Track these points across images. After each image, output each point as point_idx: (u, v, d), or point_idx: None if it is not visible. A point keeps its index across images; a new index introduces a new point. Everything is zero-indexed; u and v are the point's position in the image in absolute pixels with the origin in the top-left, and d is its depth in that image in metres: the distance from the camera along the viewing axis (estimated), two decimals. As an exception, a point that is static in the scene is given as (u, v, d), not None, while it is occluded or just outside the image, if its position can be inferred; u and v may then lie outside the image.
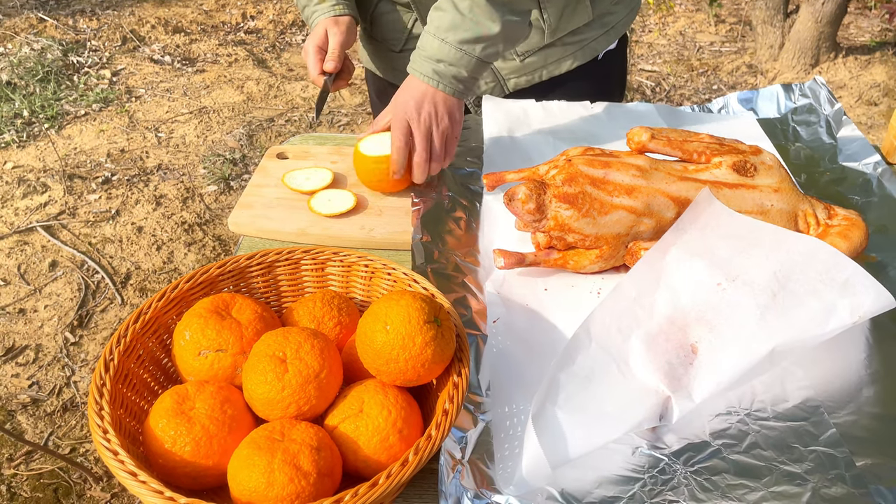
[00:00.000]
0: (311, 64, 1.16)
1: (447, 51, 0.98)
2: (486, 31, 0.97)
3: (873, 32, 3.91)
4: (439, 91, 1.00)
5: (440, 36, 0.98)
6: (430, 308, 0.69)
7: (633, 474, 0.68)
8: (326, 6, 1.17)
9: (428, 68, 0.99)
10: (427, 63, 0.99)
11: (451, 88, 1.00)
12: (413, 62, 1.01)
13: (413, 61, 1.02)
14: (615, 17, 1.25)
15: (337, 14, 1.17)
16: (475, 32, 0.97)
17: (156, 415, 0.66)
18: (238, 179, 2.83)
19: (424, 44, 1.00)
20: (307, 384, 0.66)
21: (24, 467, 1.77)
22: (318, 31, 1.16)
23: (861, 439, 0.71)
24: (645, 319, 0.77)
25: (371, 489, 0.58)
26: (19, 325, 2.17)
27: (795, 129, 1.19)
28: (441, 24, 0.98)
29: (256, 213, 1.06)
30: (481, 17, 0.97)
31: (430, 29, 0.99)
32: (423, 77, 1.00)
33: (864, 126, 3.13)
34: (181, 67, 3.68)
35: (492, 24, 0.97)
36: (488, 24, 0.97)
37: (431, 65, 0.99)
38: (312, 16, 1.18)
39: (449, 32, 0.98)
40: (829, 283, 0.75)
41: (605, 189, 0.87)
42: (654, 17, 4.26)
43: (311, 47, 1.16)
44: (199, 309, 0.73)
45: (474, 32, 0.97)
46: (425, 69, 1.00)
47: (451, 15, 0.97)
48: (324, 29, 1.16)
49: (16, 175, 2.81)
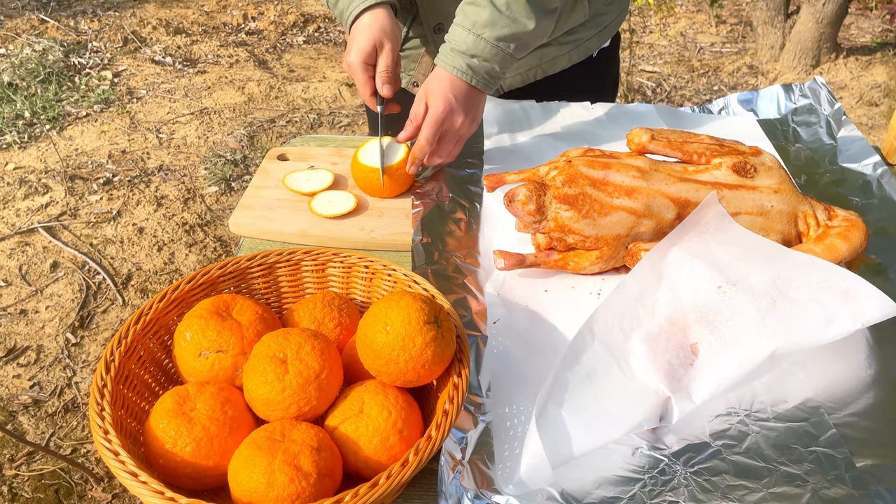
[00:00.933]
0: (360, 83, 1.03)
1: (483, 46, 0.98)
2: (523, 29, 0.98)
3: (874, 33, 3.91)
4: (472, 87, 1.00)
5: (476, 31, 0.98)
6: (430, 309, 0.69)
7: (634, 475, 0.68)
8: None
9: (462, 63, 0.99)
10: (460, 57, 0.99)
11: (483, 83, 1.01)
12: (444, 55, 1.00)
13: (443, 54, 1.00)
14: (608, 17, 1.26)
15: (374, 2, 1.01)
16: (512, 29, 0.98)
17: (157, 415, 0.66)
18: (239, 180, 2.83)
19: (457, 38, 0.99)
20: (308, 385, 0.66)
21: (26, 468, 1.77)
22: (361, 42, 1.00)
23: (861, 440, 0.71)
24: (646, 319, 0.77)
25: (371, 489, 0.58)
26: (21, 326, 2.17)
27: (795, 129, 1.19)
28: (478, 20, 0.98)
29: (257, 214, 1.06)
30: (519, 14, 0.97)
31: (466, 24, 0.99)
32: (456, 71, 0.99)
33: (865, 127, 3.13)
34: (182, 68, 3.68)
35: (528, 22, 0.98)
36: (525, 21, 0.98)
37: (465, 59, 0.99)
38: (348, 9, 1.02)
39: (486, 29, 0.97)
40: (829, 290, 0.76)
41: (605, 190, 0.87)
42: (654, 17, 4.27)
43: (358, 63, 1.01)
44: (200, 310, 0.74)
45: (511, 29, 0.98)
46: (458, 63, 0.99)
47: (489, 11, 0.97)
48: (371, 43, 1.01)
49: (17, 176, 2.81)
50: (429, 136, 1.00)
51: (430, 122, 0.99)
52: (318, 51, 3.96)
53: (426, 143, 1.00)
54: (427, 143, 1.00)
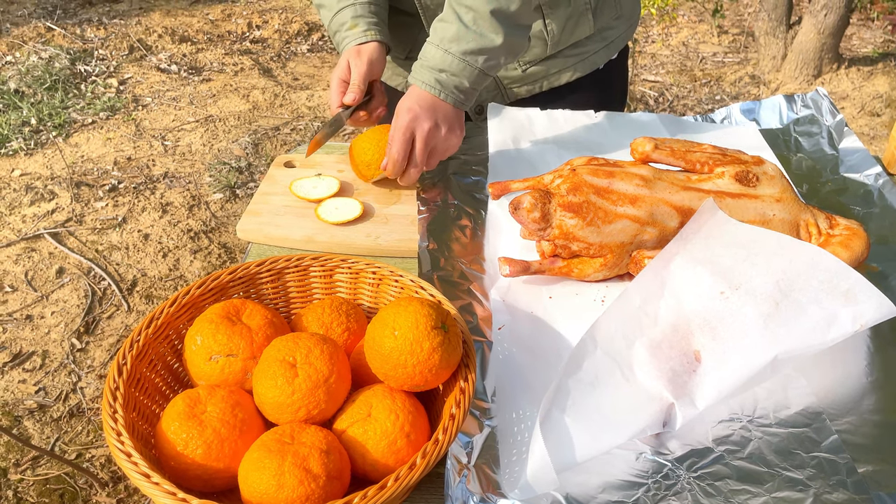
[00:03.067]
0: (332, 96, 1.12)
1: (450, 61, 1.00)
2: (489, 44, 1.00)
3: (876, 43, 3.93)
4: (443, 102, 1.02)
5: (443, 47, 1.00)
6: (437, 314, 0.70)
7: (637, 479, 0.69)
8: (357, 32, 1.11)
9: (430, 77, 1.01)
10: (429, 73, 1.01)
11: (452, 98, 1.02)
12: (414, 72, 1.03)
13: (414, 71, 1.03)
14: (615, 32, 1.27)
15: (366, 40, 1.11)
16: (478, 44, 0.99)
17: (168, 418, 0.67)
18: (244, 187, 2.85)
19: (427, 54, 1.02)
20: (316, 388, 0.67)
21: (31, 472, 1.78)
22: (341, 62, 1.11)
23: (862, 446, 0.72)
24: (649, 327, 0.78)
25: (380, 492, 0.59)
26: (26, 332, 2.18)
27: (797, 139, 1.21)
28: (445, 35, 1.00)
29: (264, 220, 1.07)
30: (485, 29, 0.99)
31: (434, 40, 1.01)
32: (425, 86, 1.01)
33: (867, 137, 3.15)
34: (187, 76, 3.70)
35: (495, 37, 0.99)
36: (491, 37, 0.99)
37: (434, 74, 1.01)
38: (342, 42, 1.13)
39: (452, 43, 1.00)
40: (831, 292, 0.76)
41: (609, 198, 0.88)
42: (657, 27, 4.29)
43: (335, 80, 1.12)
44: (210, 314, 0.75)
45: (478, 44, 0.99)
46: (427, 78, 1.01)
47: (456, 27, 0.99)
48: (346, 60, 1.11)
49: (23, 182, 2.83)
50: (397, 146, 1.02)
51: (396, 131, 1.02)
52: (322, 59, 3.98)
53: (395, 153, 1.02)
54: (396, 153, 1.02)
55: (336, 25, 1.14)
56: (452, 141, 1.06)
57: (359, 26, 1.11)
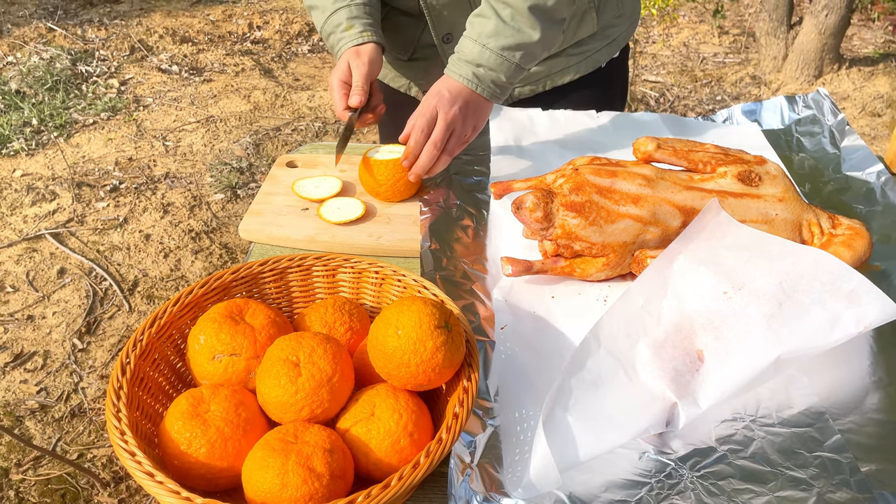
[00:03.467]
0: (335, 100, 1.10)
1: (488, 56, 1.01)
2: (527, 39, 1.01)
3: (877, 44, 3.93)
4: (476, 93, 1.03)
5: (482, 42, 1.01)
6: (440, 313, 0.70)
7: (640, 479, 0.69)
8: (353, 33, 1.11)
9: (468, 71, 1.02)
10: (467, 66, 1.02)
11: (488, 92, 1.03)
12: (451, 65, 1.03)
13: (451, 64, 1.04)
14: (617, 30, 1.27)
15: (363, 42, 1.11)
16: (516, 39, 1.00)
17: (171, 417, 0.67)
18: (245, 188, 2.85)
19: (465, 48, 1.02)
20: (320, 388, 0.67)
21: (33, 472, 1.78)
22: (340, 64, 1.10)
23: (865, 445, 0.72)
24: (652, 326, 0.78)
25: (383, 490, 0.59)
26: (28, 332, 2.18)
27: (799, 139, 1.21)
28: (483, 31, 1.01)
29: (266, 220, 1.08)
30: (523, 25, 1.00)
31: (472, 34, 1.02)
32: (462, 79, 1.02)
33: (868, 137, 3.15)
34: (188, 77, 3.71)
35: (532, 32, 1.00)
36: (529, 32, 1.00)
37: (471, 68, 1.02)
38: (338, 44, 1.13)
39: (491, 39, 1.00)
40: (834, 293, 0.76)
41: (611, 198, 0.88)
42: (658, 28, 4.29)
43: (336, 82, 1.10)
44: (213, 314, 0.75)
45: (515, 39, 1.00)
46: (465, 72, 1.02)
47: (494, 22, 1.00)
48: (346, 62, 1.10)
49: (25, 183, 2.83)
50: (421, 124, 1.00)
51: (419, 113, 1.01)
52: (322, 59, 3.98)
53: (419, 130, 1.01)
54: (419, 130, 1.01)
55: (331, 27, 1.13)
56: (469, 132, 1.06)
57: (355, 27, 1.11)
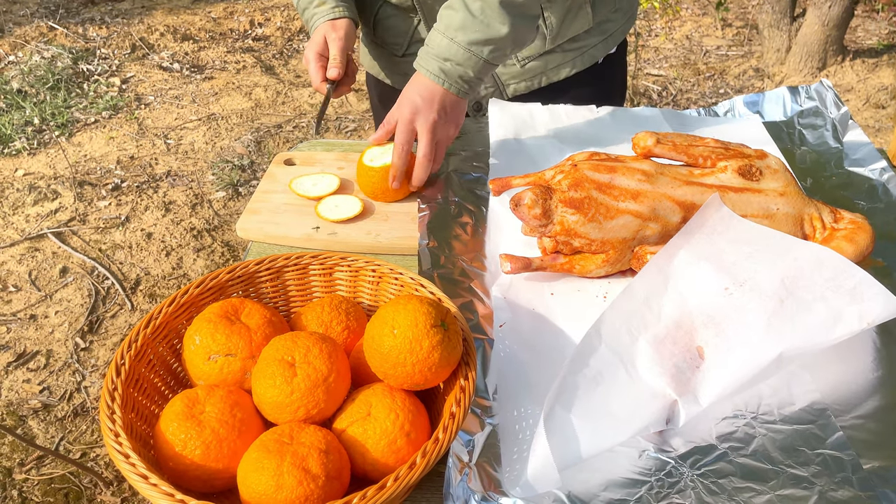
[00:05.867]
0: (312, 72, 1.14)
1: (455, 50, 0.99)
2: (496, 34, 0.98)
3: (881, 35, 3.90)
4: (447, 91, 1.01)
5: (449, 35, 0.99)
6: (436, 312, 0.69)
7: (640, 477, 0.69)
8: (326, 9, 1.14)
9: (435, 66, 1.00)
10: (434, 61, 1.00)
11: (456, 88, 1.01)
12: (420, 59, 1.02)
13: (420, 58, 1.02)
14: (614, 25, 1.26)
15: (336, 17, 1.14)
16: (485, 34, 0.98)
17: (166, 418, 0.66)
18: (246, 185, 2.85)
19: (432, 41, 1.01)
20: (316, 388, 0.67)
21: (36, 472, 1.78)
22: (316, 37, 1.14)
23: (868, 442, 0.71)
24: (653, 322, 0.77)
25: (379, 491, 0.59)
26: (30, 331, 2.18)
27: (801, 132, 1.19)
28: (451, 24, 0.99)
29: (264, 218, 1.07)
30: (492, 19, 0.98)
31: (440, 27, 1.00)
32: (429, 74, 1.01)
33: (872, 129, 3.13)
34: (190, 74, 3.70)
35: (501, 27, 0.98)
36: (498, 27, 0.98)
37: (438, 63, 1.00)
38: (312, 19, 1.16)
39: (458, 32, 0.98)
40: (836, 289, 0.76)
41: (610, 194, 0.87)
42: (660, 21, 4.27)
43: (312, 55, 1.13)
44: (209, 314, 0.74)
45: (484, 34, 0.98)
46: (432, 67, 1.00)
47: (462, 15, 0.98)
48: (322, 35, 1.13)
49: (27, 182, 2.84)
50: (402, 140, 1.01)
51: (400, 128, 1.02)
52: (324, 56, 3.97)
53: (400, 146, 1.02)
54: (401, 146, 1.02)
55: (305, 2, 1.17)
56: (451, 131, 1.06)
57: (328, 3, 1.15)
